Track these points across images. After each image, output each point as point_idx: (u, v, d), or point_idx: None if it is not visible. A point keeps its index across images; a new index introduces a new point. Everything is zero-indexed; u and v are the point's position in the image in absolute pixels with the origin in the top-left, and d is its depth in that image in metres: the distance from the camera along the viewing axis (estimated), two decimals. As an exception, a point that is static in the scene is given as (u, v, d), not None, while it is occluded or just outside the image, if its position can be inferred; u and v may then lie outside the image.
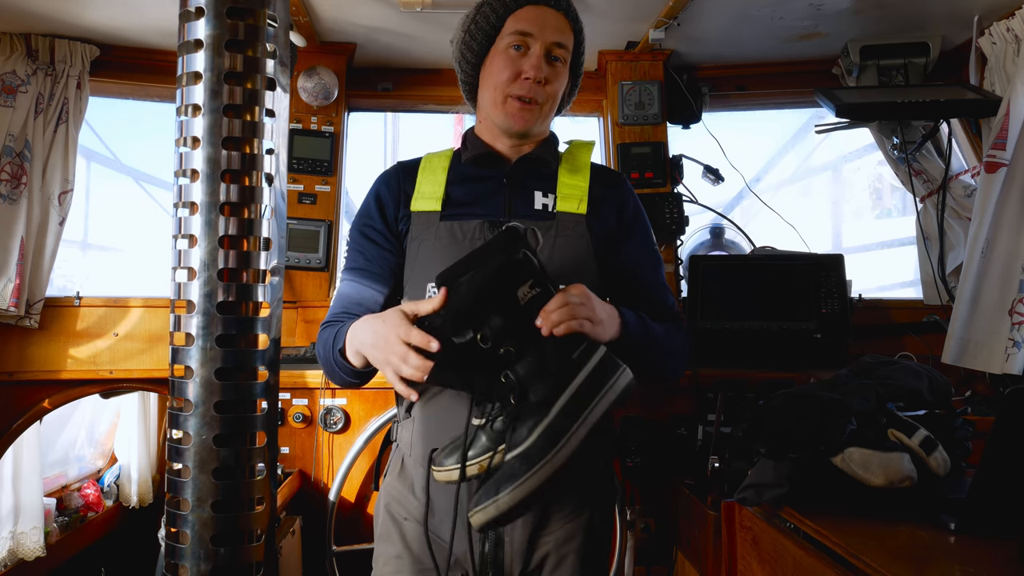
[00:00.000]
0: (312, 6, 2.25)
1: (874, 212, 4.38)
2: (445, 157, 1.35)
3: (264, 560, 0.49)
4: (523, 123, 1.26)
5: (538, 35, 1.23)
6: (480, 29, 1.27)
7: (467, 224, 1.25)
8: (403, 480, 1.29)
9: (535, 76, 1.22)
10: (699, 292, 2.36)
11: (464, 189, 1.30)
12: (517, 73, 1.24)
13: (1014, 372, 1.97)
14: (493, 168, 1.32)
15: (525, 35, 1.23)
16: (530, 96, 1.24)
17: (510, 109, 1.25)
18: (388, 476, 1.34)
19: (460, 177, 1.32)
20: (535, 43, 1.23)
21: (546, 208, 1.29)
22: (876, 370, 1.49)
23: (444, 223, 1.26)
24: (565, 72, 1.29)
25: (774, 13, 2.26)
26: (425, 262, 1.25)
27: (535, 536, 1.23)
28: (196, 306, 0.47)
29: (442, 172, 1.32)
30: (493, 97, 1.27)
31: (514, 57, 1.24)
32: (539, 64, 1.22)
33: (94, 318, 2.43)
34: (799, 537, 1.29)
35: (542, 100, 1.26)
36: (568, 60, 1.28)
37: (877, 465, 1.23)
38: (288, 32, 0.51)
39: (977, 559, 1.03)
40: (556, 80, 1.26)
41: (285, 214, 0.54)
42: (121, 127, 6.13)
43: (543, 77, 1.23)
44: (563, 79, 1.29)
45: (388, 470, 1.36)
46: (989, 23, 2.20)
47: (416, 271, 1.26)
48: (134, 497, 3.03)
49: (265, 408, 0.50)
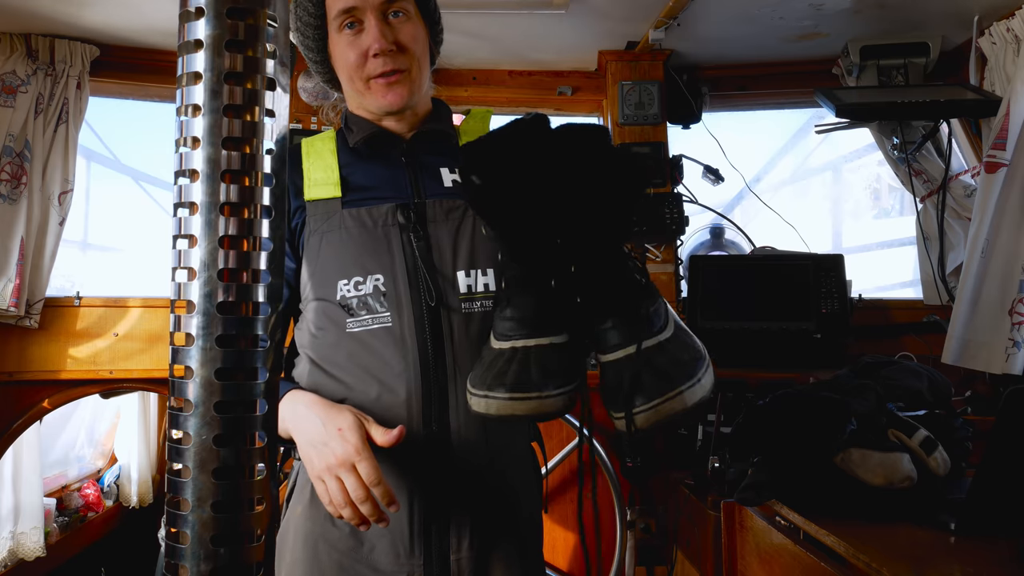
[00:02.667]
0: (312, 6, 2.25)
1: (874, 212, 4.38)
2: (328, 139, 1.20)
3: (264, 560, 0.49)
4: (398, 99, 1.12)
5: (363, 4, 1.09)
6: (306, 23, 1.14)
7: (376, 209, 1.10)
8: (316, 506, 1.09)
9: (382, 48, 1.08)
10: (699, 292, 2.36)
11: (361, 172, 1.15)
12: (363, 53, 1.10)
13: (1014, 372, 1.97)
14: (387, 148, 1.18)
15: (350, 11, 1.09)
16: (390, 68, 1.10)
17: (377, 91, 1.12)
18: (294, 505, 1.14)
19: (353, 160, 1.17)
20: (365, 14, 1.09)
21: (457, 184, 1.15)
22: (876, 370, 1.49)
23: (348, 210, 1.11)
24: (415, 25, 1.13)
25: (774, 13, 2.26)
26: (331, 258, 1.09)
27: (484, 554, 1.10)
28: (196, 306, 0.47)
29: (331, 156, 1.16)
30: (354, 86, 1.14)
31: (351, 38, 1.10)
32: (380, 34, 1.08)
33: (94, 318, 2.43)
34: (799, 537, 1.29)
35: (406, 66, 1.11)
36: (412, 10, 1.13)
37: (877, 465, 1.23)
38: (288, 32, 0.51)
39: (977, 559, 1.03)
40: (408, 40, 1.11)
41: (285, 214, 0.54)
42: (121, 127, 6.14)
43: (392, 45, 1.09)
44: (416, 35, 1.13)
45: (291, 499, 1.16)
46: (989, 23, 2.20)
47: (321, 269, 1.10)
48: (134, 497, 3.03)
49: (265, 408, 0.49)
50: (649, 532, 2.36)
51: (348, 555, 1.08)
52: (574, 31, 2.42)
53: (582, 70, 2.75)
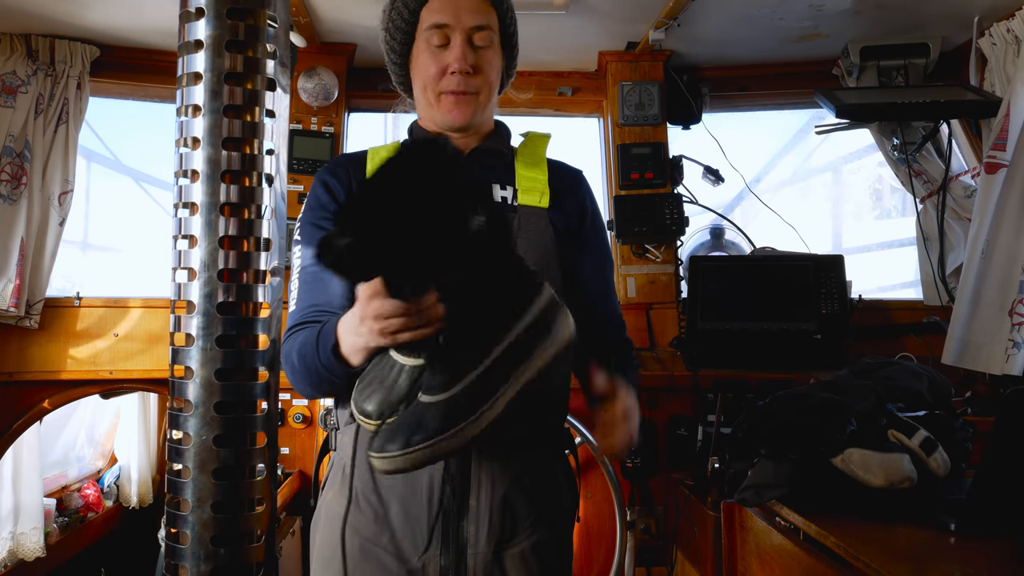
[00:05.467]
0: (312, 7, 2.25)
1: (874, 213, 4.38)
2: (392, 150, 1.26)
3: (264, 561, 0.49)
4: (462, 117, 1.19)
5: (455, 24, 1.15)
6: (397, 28, 1.21)
7: None
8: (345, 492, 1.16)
9: (460, 68, 1.15)
10: (699, 293, 2.36)
11: None
12: (443, 69, 1.17)
13: (1014, 373, 1.97)
14: None
15: (442, 27, 1.16)
16: (462, 89, 1.17)
17: (445, 106, 1.18)
18: (327, 490, 1.21)
19: None
20: (454, 33, 1.16)
21: (506, 201, 1.21)
22: (876, 371, 1.49)
23: None
24: (495, 53, 1.20)
25: (774, 14, 2.26)
26: None
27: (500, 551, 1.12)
28: (196, 306, 0.47)
29: None
30: (426, 96, 1.21)
31: (436, 52, 1.17)
32: (462, 55, 1.15)
33: (94, 318, 2.43)
34: (799, 537, 1.29)
35: (476, 89, 1.18)
36: (495, 40, 1.20)
37: (877, 466, 1.23)
38: (288, 32, 0.51)
39: (977, 559, 1.03)
40: (486, 66, 1.18)
41: (285, 214, 0.54)
42: (121, 127, 6.12)
43: (470, 67, 1.16)
44: (494, 62, 1.20)
45: (326, 484, 1.22)
46: (989, 24, 2.20)
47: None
48: (134, 497, 3.03)
49: (265, 408, 0.50)
50: (649, 533, 2.36)
51: (371, 540, 1.11)
52: (574, 32, 2.43)
53: (582, 71, 2.75)
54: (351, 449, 1.15)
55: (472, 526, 1.10)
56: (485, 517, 1.10)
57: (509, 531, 1.13)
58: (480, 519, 1.10)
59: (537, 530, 1.15)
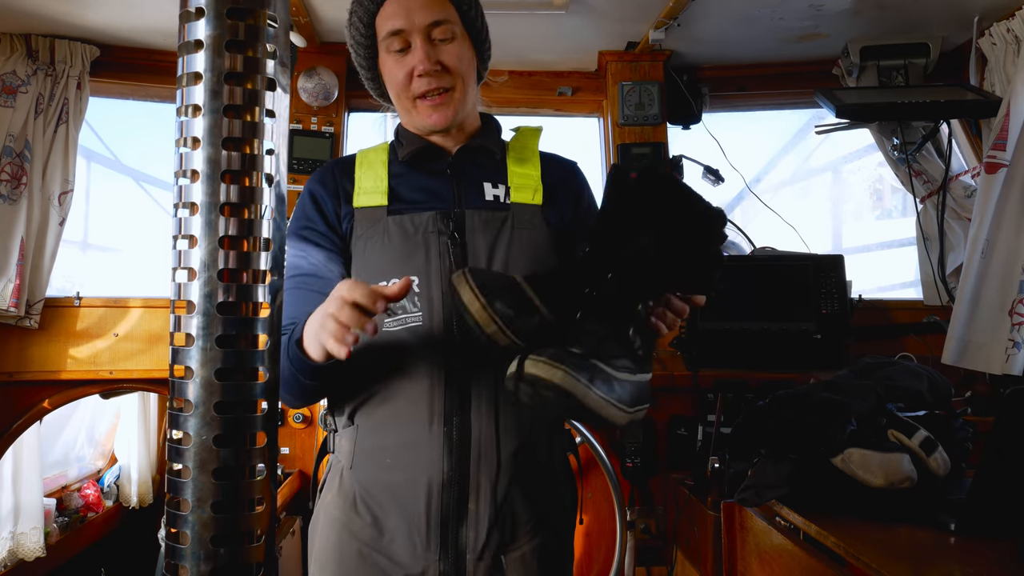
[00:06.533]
0: (312, 6, 2.25)
1: (874, 213, 4.38)
2: (382, 151, 1.26)
3: (264, 561, 0.49)
4: (443, 119, 1.17)
5: (409, 26, 1.14)
6: (358, 43, 1.21)
7: (418, 217, 1.15)
8: (343, 495, 1.15)
9: (426, 70, 1.13)
10: (699, 293, 2.36)
11: (408, 184, 1.21)
12: (409, 73, 1.15)
13: (1014, 373, 1.97)
14: (434, 161, 1.23)
15: (398, 32, 1.14)
16: (434, 87, 1.15)
17: (423, 112, 1.17)
18: (326, 492, 1.20)
19: (402, 171, 1.23)
20: (411, 35, 1.14)
21: (498, 199, 1.20)
22: (876, 371, 1.49)
23: (392, 218, 1.16)
24: (460, 44, 1.18)
25: (774, 14, 2.26)
26: (374, 261, 1.14)
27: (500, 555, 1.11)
28: (196, 306, 0.47)
29: (382, 167, 1.23)
30: (401, 103, 1.20)
31: (399, 58, 1.16)
32: (425, 56, 1.13)
33: (94, 318, 2.43)
34: (799, 537, 1.29)
35: (449, 85, 1.16)
36: (458, 31, 1.18)
37: (877, 466, 1.23)
38: (288, 32, 0.51)
39: (976, 559, 1.03)
40: (452, 60, 1.16)
41: (285, 214, 0.54)
42: (121, 127, 6.11)
43: (435, 65, 1.14)
44: (461, 54, 1.17)
45: (324, 486, 1.22)
46: (989, 24, 2.20)
47: (364, 273, 1.15)
48: (134, 497, 3.03)
49: (265, 408, 0.50)
50: (649, 533, 2.36)
51: (368, 544, 1.11)
52: (574, 32, 2.43)
53: (582, 71, 2.75)
54: (349, 453, 1.14)
55: (471, 531, 1.09)
56: (484, 522, 1.09)
57: (509, 535, 1.12)
58: (479, 524, 1.09)
59: (538, 533, 1.14)
